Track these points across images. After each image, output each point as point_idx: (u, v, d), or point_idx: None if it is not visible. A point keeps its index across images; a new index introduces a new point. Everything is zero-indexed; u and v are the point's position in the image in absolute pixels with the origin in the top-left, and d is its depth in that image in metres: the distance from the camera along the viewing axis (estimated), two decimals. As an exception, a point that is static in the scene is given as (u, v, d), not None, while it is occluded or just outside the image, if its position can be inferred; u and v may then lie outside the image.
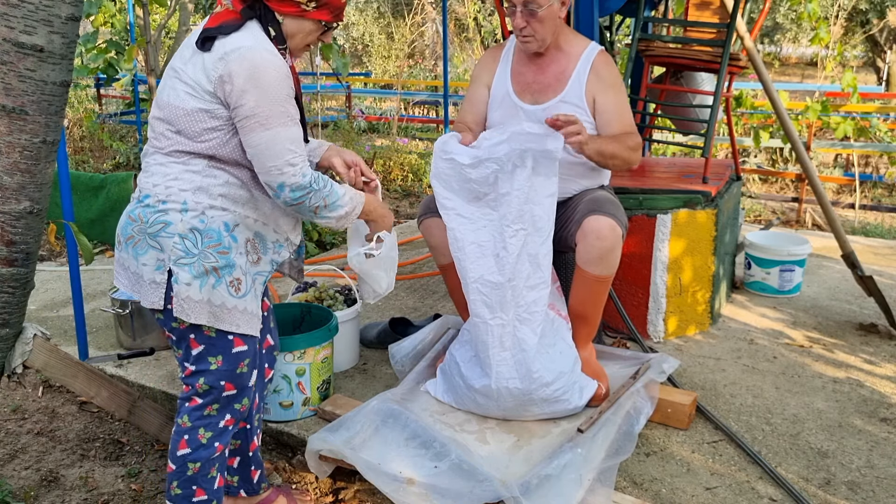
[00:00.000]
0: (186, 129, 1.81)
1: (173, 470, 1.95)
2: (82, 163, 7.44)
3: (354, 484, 2.31)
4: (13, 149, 2.16)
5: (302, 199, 1.83)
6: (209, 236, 1.82)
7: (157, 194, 1.83)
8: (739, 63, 3.47)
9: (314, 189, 1.83)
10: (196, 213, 1.82)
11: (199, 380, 1.91)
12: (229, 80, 1.74)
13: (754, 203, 6.54)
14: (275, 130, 1.76)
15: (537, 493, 1.99)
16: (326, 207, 1.87)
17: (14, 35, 2.07)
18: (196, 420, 1.93)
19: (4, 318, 2.39)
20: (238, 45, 1.75)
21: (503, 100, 2.60)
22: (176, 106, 1.81)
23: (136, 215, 1.85)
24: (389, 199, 6.83)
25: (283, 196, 1.82)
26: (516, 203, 2.26)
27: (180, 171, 1.83)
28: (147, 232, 1.82)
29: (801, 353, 3.10)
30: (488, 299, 2.31)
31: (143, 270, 1.85)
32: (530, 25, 2.42)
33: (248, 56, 1.74)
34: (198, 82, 1.78)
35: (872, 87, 10.71)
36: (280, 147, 1.77)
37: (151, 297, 1.85)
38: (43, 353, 2.78)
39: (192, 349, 1.90)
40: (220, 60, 1.75)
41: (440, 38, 13.79)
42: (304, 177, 1.81)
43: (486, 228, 2.34)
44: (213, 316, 1.85)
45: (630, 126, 2.48)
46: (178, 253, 1.81)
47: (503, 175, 2.28)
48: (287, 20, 1.84)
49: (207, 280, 1.82)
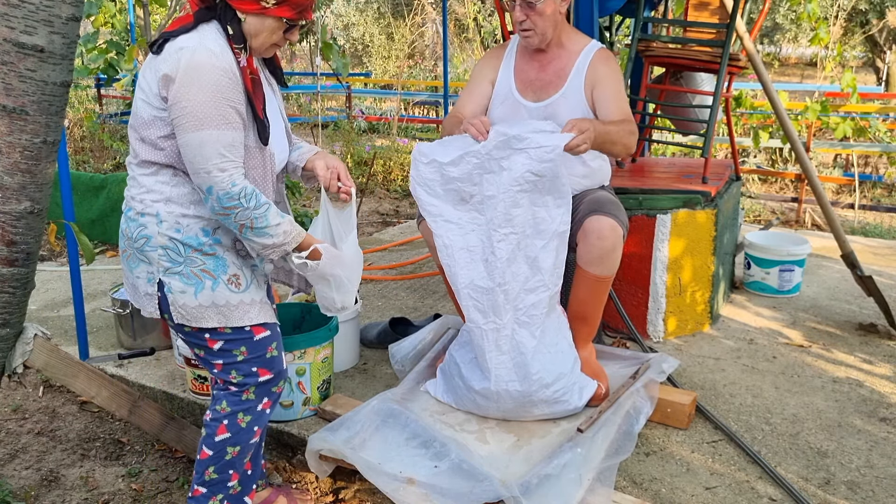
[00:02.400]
0: (147, 138, 1.83)
1: (209, 455, 1.95)
2: (83, 163, 7.44)
3: (354, 484, 2.31)
4: (14, 149, 2.16)
5: (228, 212, 1.76)
6: (188, 244, 1.84)
7: (135, 206, 1.87)
8: (739, 63, 3.47)
9: (241, 204, 1.75)
10: (170, 224, 1.84)
11: (230, 372, 1.93)
12: (170, 78, 1.73)
13: (754, 203, 6.54)
14: (207, 132, 1.72)
15: (537, 492, 1.99)
16: (252, 230, 1.79)
17: (14, 35, 2.07)
18: (235, 405, 1.94)
19: (5, 318, 2.39)
20: (182, 45, 1.75)
21: (506, 97, 2.61)
22: (137, 115, 1.84)
23: (123, 229, 1.90)
24: (389, 199, 6.84)
25: (210, 201, 1.77)
26: (502, 207, 2.24)
27: (152, 183, 1.85)
28: (134, 247, 1.87)
29: (800, 352, 3.10)
30: (480, 304, 2.30)
31: (137, 283, 1.90)
32: (530, 19, 2.42)
33: (186, 56, 1.73)
34: (150, 86, 1.79)
35: (872, 88, 10.71)
36: (210, 150, 1.73)
37: (148, 307, 1.90)
38: (43, 353, 2.78)
39: (211, 347, 1.91)
40: (164, 61, 1.75)
41: (440, 38, 13.79)
42: (234, 185, 1.75)
43: (474, 233, 2.32)
44: (222, 316, 1.86)
45: (628, 114, 2.49)
46: (164, 264, 1.84)
47: (488, 174, 2.26)
48: (249, 18, 1.82)
49: (203, 284, 1.83)
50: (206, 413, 1.99)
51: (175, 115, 1.74)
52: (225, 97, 1.75)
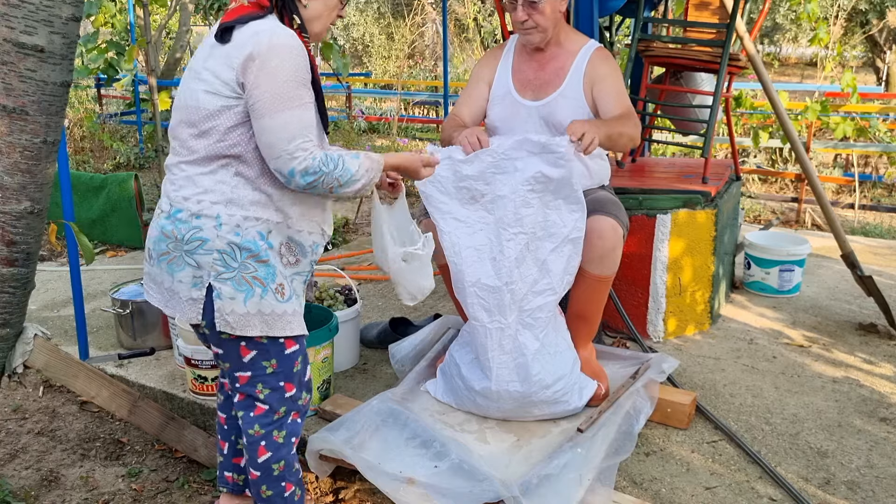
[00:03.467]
0: (210, 131, 1.76)
1: (258, 476, 1.94)
2: (83, 163, 7.44)
3: (354, 483, 2.31)
4: (14, 149, 2.16)
5: (314, 183, 1.77)
6: (246, 248, 1.79)
7: (189, 208, 1.78)
8: (739, 63, 3.47)
9: (324, 172, 1.76)
10: (230, 227, 1.77)
11: (256, 386, 1.88)
12: (250, 62, 1.70)
13: (754, 203, 6.54)
14: (290, 112, 1.72)
15: (537, 492, 1.99)
16: (342, 186, 1.81)
17: (15, 35, 2.07)
18: (267, 426, 1.91)
19: (5, 318, 2.39)
20: (258, 29, 1.73)
21: (504, 97, 2.62)
22: (198, 109, 1.77)
23: (170, 231, 1.79)
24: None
25: (294, 182, 1.76)
26: (512, 207, 2.25)
27: (212, 183, 1.78)
28: (183, 249, 1.78)
29: (800, 352, 3.10)
30: (486, 303, 2.30)
31: (178, 287, 1.80)
32: (532, 18, 2.44)
33: (266, 39, 1.71)
34: (218, 76, 1.74)
35: (872, 88, 10.70)
36: (294, 130, 1.72)
37: (189, 313, 1.81)
38: (43, 353, 2.78)
39: (243, 357, 1.85)
40: (242, 46, 1.72)
41: (440, 38, 13.79)
42: (315, 160, 1.75)
43: (482, 232, 2.33)
44: (266, 325, 1.82)
45: (629, 108, 2.51)
46: (217, 269, 1.77)
47: (501, 174, 2.28)
48: (312, 2, 1.84)
49: (253, 292, 1.79)
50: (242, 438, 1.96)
51: (256, 98, 1.71)
52: (304, 78, 1.75)
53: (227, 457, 2.14)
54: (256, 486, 1.96)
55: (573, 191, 2.28)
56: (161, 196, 1.88)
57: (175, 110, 1.84)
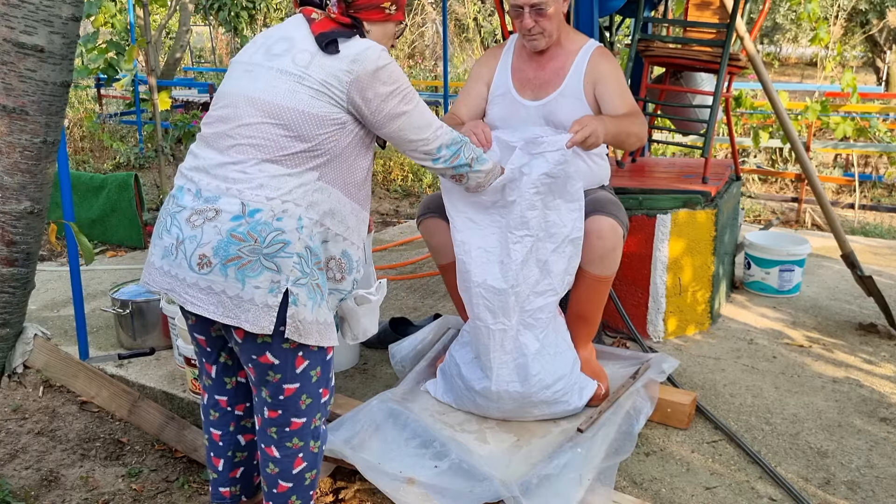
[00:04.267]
0: (308, 134, 1.75)
1: (289, 487, 1.92)
2: (83, 163, 7.44)
3: (354, 483, 2.31)
4: (13, 149, 2.16)
5: (457, 152, 1.99)
6: (315, 253, 1.78)
7: (273, 209, 1.71)
8: (739, 63, 3.47)
9: (462, 141, 2.00)
10: (309, 231, 1.76)
11: (301, 396, 1.86)
12: (368, 77, 1.79)
13: (754, 203, 6.54)
14: (421, 105, 1.89)
15: (537, 492, 1.99)
16: (477, 160, 2.06)
17: (14, 35, 2.07)
18: (305, 436, 1.90)
19: (5, 318, 2.39)
20: (365, 45, 1.82)
21: (504, 96, 2.62)
22: (298, 110, 1.74)
23: (245, 233, 1.69)
24: (389, 199, 6.84)
25: (441, 157, 1.96)
26: (518, 210, 2.26)
27: (294, 186, 1.74)
28: (263, 252, 1.69)
29: (800, 352, 3.10)
30: (491, 304, 2.30)
31: (253, 294, 1.69)
32: (539, 24, 2.44)
33: (376, 53, 1.81)
34: (327, 85, 1.77)
35: (872, 88, 10.70)
36: (428, 115, 1.91)
37: (262, 321, 1.71)
38: (43, 353, 2.78)
39: (296, 368, 1.83)
40: (354, 62, 1.78)
41: (440, 38, 13.78)
42: (450, 133, 1.96)
43: (493, 235, 2.33)
44: (320, 334, 1.81)
45: (635, 106, 2.52)
46: (296, 273, 1.72)
47: (510, 184, 2.28)
48: (373, 28, 1.91)
49: (317, 299, 1.79)
50: (269, 450, 1.90)
51: (390, 105, 1.82)
52: None
53: (222, 473, 2.09)
54: (284, 497, 1.93)
55: (573, 190, 2.28)
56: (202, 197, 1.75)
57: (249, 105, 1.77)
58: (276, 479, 1.92)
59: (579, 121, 2.30)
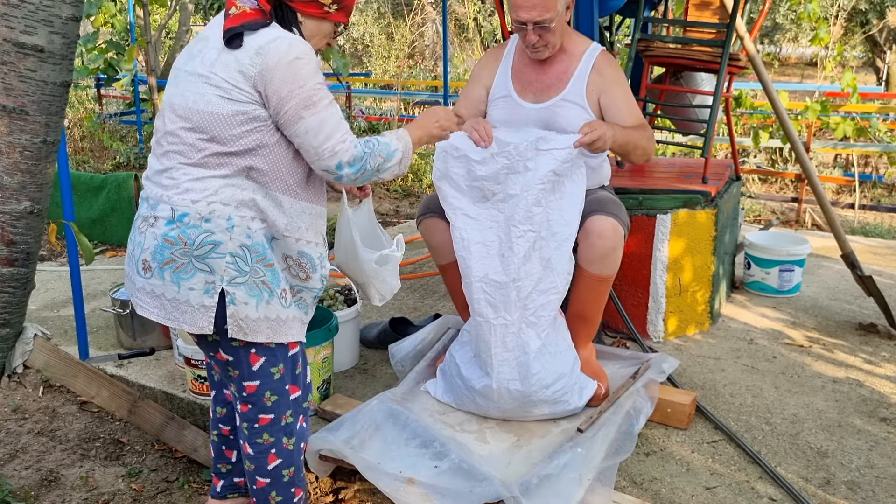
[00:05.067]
0: (221, 135, 1.74)
1: (266, 483, 1.93)
2: (82, 163, 7.44)
3: (354, 484, 2.31)
4: (14, 149, 2.16)
5: (363, 168, 1.84)
6: (256, 251, 1.78)
7: (199, 211, 1.74)
8: (739, 63, 3.47)
9: (367, 153, 1.84)
10: (242, 230, 1.77)
11: (264, 394, 1.87)
12: (273, 70, 1.71)
13: (754, 203, 6.54)
14: (325, 112, 1.77)
15: (537, 492, 1.99)
16: (385, 160, 1.88)
17: (14, 35, 2.07)
18: (276, 432, 1.91)
19: (5, 317, 2.39)
20: (272, 37, 1.74)
21: (504, 98, 2.61)
22: (209, 112, 1.74)
23: (176, 237, 1.74)
24: (389, 199, 6.84)
25: (344, 175, 1.82)
26: (524, 205, 2.26)
27: (219, 186, 1.76)
28: (193, 254, 1.74)
29: (800, 352, 3.10)
30: (492, 298, 2.31)
31: (188, 296, 1.75)
32: (542, 38, 2.42)
33: (283, 46, 1.72)
34: (231, 81, 1.73)
35: (872, 87, 10.71)
36: (330, 127, 1.78)
37: (200, 322, 1.76)
38: (43, 353, 2.78)
39: (252, 365, 1.85)
40: (257, 55, 1.72)
41: (440, 38, 13.78)
42: (356, 147, 1.82)
43: (492, 229, 2.34)
44: (273, 330, 1.82)
45: (641, 118, 2.51)
46: (231, 273, 1.75)
47: (514, 175, 2.29)
48: (308, 21, 1.85)
49: (262, 296, 1.79)
50: (244, 446, 1.93)
51: (289, 105, 1.73)
52: (323, 79, 1.80)
53: (235, 464, 2.14)
54: (264, 493, 1.95)
55: (577, 190, 2.29)
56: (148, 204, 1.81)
57: (174, 114, 1.79)
58: (254, 476, 1.94)
59: (590, 123, 2.30)
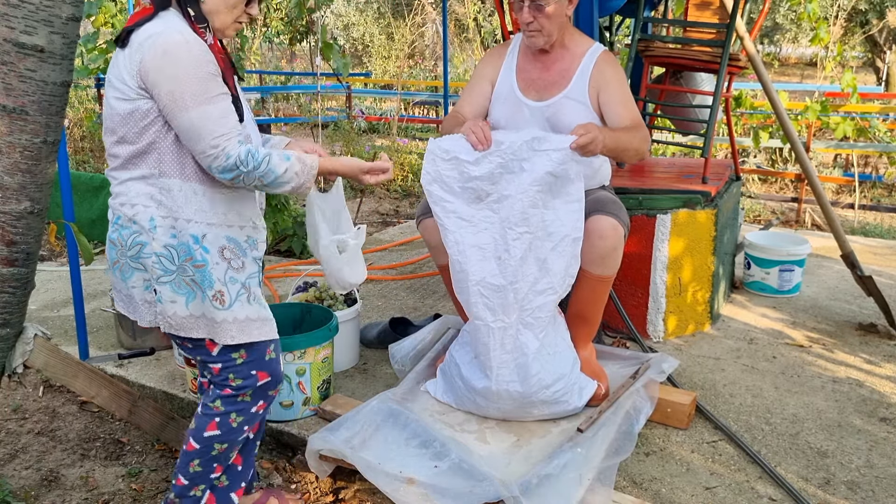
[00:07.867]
0: (127, 134, 1.79)
1: (196, 448, 1.94)
2: (83, 163, 7.44)
3: (354, 483, 2.31)
4: (13, 149, 2.16)
5: (235, 180, 1.78)
6: (183, 250, 1.82)
7: (125, 213, 1.83)
8: (739, 63, 3.47)
9: (242, 171, 1.75)
10: (165, 229, 1.81)
11: (229, 375, 1.91)
12: (147, 66, 1.72)
13: (754, 203, 6.54)
14: (194, 112, 1.71)
15: (537, 492, 1.99)
16: (266, 186, 1.80)
17: (14, 35, 2.07)
18: (228, 405, 1.94)
19: (5, 318, 2.39)
20: (150, 32, 1.74)
21: (507, 96, 2.61)
22: (112, 116, 1.80)
23: (115, 238, 1.86)
24: (389, 199, 6.83)
25: (224, 178, 1.78)
26: (520, 206, 2.25)
27: (141, 186, 1.81)
28: (128, 255, 1.84)
29: (800, 352, 3.10)
30: (490, 302, 2.30)
31: (132, 292, 1.87)
32: (537, 20, 2.42)
33: (158, 41, 1.72)
34: (122, 80, 1.76)
35: (872, 88, 10.70)
36: (202, 129, 1.72)
37: (147, 316, 1.88)
38: (43, 353, 2.77)
39: (210, 351, 1.90)
40: (136, 51, 1.74)
41: (440, 38, 13.79)
42: (229, 158, 1.73)
43: (487, 231, 2.32)
44: (209, 330, 1.85)
45: (638, 118, 2.50)
46: (157, 272, 1.82)
47: (508, 175, 2.28)
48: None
49: (195, 295, 1.83)
50: (199, 406, 1.98)
51: (163, 102, 1.73)
52: (206, 70, 1.73)
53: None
54: (188, 457, 1.96)
55: (574, 190, 2.28)
56: None
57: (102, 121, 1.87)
58: (189, 436, 1.96)
59: (584, 126, 2.29)
